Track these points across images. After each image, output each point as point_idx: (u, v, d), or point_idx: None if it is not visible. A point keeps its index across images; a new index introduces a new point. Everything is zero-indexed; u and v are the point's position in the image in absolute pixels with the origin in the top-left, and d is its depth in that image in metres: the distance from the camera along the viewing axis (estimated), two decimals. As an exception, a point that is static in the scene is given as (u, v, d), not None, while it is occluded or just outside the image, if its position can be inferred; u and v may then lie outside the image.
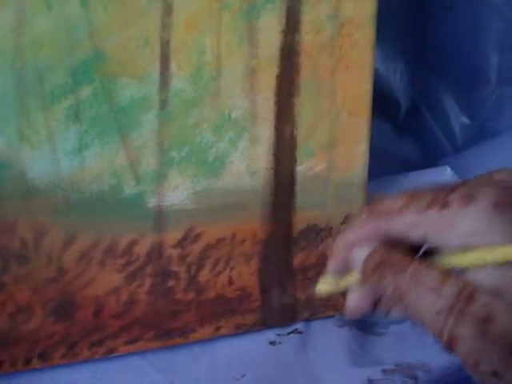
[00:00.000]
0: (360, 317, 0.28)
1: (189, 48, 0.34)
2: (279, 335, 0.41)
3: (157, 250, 0.37)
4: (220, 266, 0.38)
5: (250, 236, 0.38)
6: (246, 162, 0.37)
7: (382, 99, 0.55)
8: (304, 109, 0.37)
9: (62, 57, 0.32)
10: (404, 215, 0.25)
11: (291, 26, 0.35)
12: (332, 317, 0.42)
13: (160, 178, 0.35)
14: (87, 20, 0.32)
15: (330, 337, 0.40)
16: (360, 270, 0.26)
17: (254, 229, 0.38)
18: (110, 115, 0.33)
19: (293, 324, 0.41)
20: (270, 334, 0.41)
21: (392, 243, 0.25)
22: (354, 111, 0.38)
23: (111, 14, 0.32)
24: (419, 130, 0.58)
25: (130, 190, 0.35)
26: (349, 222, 0.27)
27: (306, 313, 0.41)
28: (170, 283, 0.38)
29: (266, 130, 0.37)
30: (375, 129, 0.41)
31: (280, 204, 0.38)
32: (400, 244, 0.25)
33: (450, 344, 0.23)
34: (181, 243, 0.37)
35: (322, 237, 0.40)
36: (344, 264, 0.27)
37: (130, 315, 0.38)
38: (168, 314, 0.38)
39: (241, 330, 0.40)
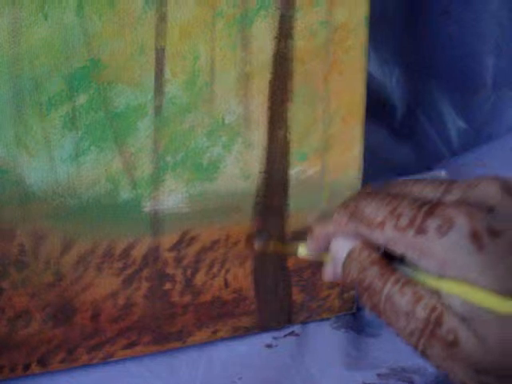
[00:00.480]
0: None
1: (183, 55, 0.34)
2: (276, 338, 0.41)
3: (153, 254, 0.37)
4: (215, 268, 0.39)
5: (243, 238, 0.39)
6: (240, 166, 0.37)
7: (378, 104, 0.56)
8: (297, 114, 0.37)
9: (58, 65, 0.32)
10: (382, 233, 0.25)
11: (284, 32, 0.36)
12: (328, 319, 0.42)
13: (156, 182, 0.36)
14: (83, 28, 0.32)
15: (326, 339, 0.41)
16: (340, 267, 0.27)
17: (247, 231, 0.39)
18: (106, 122, 0.34)
19: (289, 326, 0.41)
20: (267, 337, 0.41)
21: (371, 245, 0.26)
22: (347, 116, 0.39)
23: (106, 22, 0.33)
24: (415, 134, 0.58)
25: (126, 194, 0.35)
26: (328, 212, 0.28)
27: (302, 315, 0.42)
28: (167, 286, 0.38)
29: (259, 134, 0.37)
30: (371, 133, 0.42)
31: (273, 207, 0.39)
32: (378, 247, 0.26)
33: (425, 355, 0.24)
34: (176, 246, 0.37)
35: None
36: (322, 247, 0.28)
37: (128, 319, 0.38)
38: (165, 318, 0.39)
39: (238, 333, 0.40)
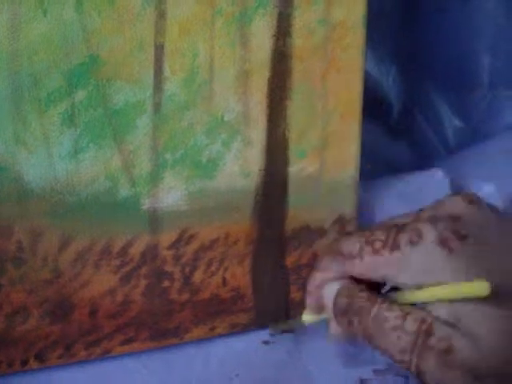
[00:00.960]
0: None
1: (182, 52, 0.34)
2: (272, 335, 0.41)
3: (151, 251, 0.37)
4: (214, 267, 0.39)
5: (243, 236, 0.39)
6: (239, 164, 0.37)
7: (374, 102, 0.56)
8: (296, 111, 0.38)
9: (57, 61, 0.32)
10: (361, 262, 0.26)
11: (282, 30, 0.36)
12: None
13: (154, 180, 0.36)
14: (82, 25, 0.32)
15: (322, 336, 0.41)
16: (331, 314, 0.28)
17: (246, 229, 0.39)
18: (105, 119, 0.34)
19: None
20: (264, 334, 0.41)
21: (357, 280, 0.27)
22: (344, 113, 0.39)
23: (106, 18, 0.33)
24: (411, 132, 0.58)
25: (124, 192, 0.35)
26: (316, 263, 0.30)
27: (299, 312, 0.42)
28: (165, 284, 0.38)
29: (258, 132, 0.37)
30: (367, 131, 0.42)
31: (273, 205, 0.39)
32: (364, 281, 0.27)
33: (419, 376, 0.24)
34: (175, 244, 0.37)
35: (314, 237, 0.40)
36: (319, 301, 0.30)
37: (126, 316, 0.38)
38: (163, 315, 0.39)
39: (235, 330, 0.41)
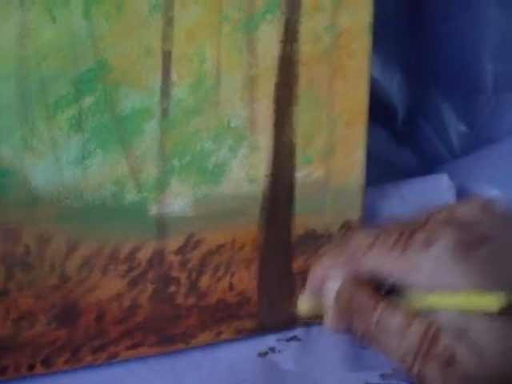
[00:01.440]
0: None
1: (189, 58, 0.35)
2: (279, 340, 0.41)
3: (158, 257, 0.37)
4: (220, 272, 0.39)
5: (249, 242, 0.39)
6: (246, 170, 0.37)
7: (379, 107, 0.56)
8: (302, 117, 0.38)
9: (66, 67, 0.32)
10: (370, 255, 0.26)
11: (289, 36, 0.36)
12: (331, 322, 0.43)
13: (161, 185, 0.36)
14: (90, 31, 0.32)
15: (328, 342, 0.41)
16: (331, 306, 0.28)
17: (253, 235, 0.39)
18: (112, 124, 0.34)
19: (292, 328, 0.42)
20: (270, 340, 0.41)
21: (361, 278, 0.27)
22: (350, 119, 0.39)
23: (113, 25, 0.33)
24: (417, 137, 0.58)
25: (131, 197, 0.36)
26: (323, 253, 0.29)
27: (305, 318, 0.42)
28: (172, 289, 0.38)
29: (264, 137, 0.37)
30: (373, 136, 0.42)
31: (279, 210, 0.39)
32: (370, 279, 0.26)
33: (420, 379, 0.24)
34: (182, 249, 0.38)
35: (321, 242, 0.40)
36: (319, 291, 0.29)
37: (132, 321, 0.38)
38: (169, 320, 0.39)
39: (241, 335, 0.41)
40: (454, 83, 0.59)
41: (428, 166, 0.55)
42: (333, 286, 0.28)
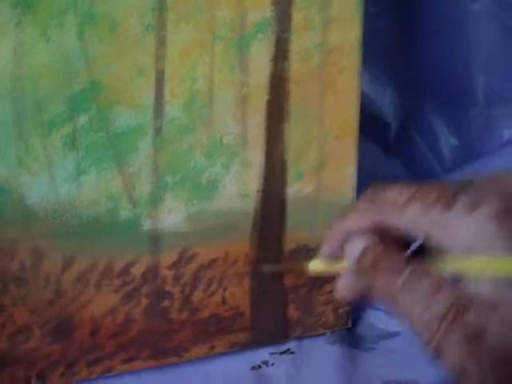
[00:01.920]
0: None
1: (182, 77, 0.35)
2: (272, 354, 0.42)
3: (152, 271, 0.38)
4: (213, 286, 0.39)
5: (242, 256, 0.39)
6: (238, 185, 0.38)
7: (371, 121, 0.57)
8: (293, 133, 0.38)
9: (60, 87, 0.33)
10: (406, 212, 0.24)
11: (280, 54, 0.37)
12: (323, 334, 0.43)
13: (155, 201, 0.37)
14: (84, 51, 0.33)
15: (321, 355, 0.41)
16: (353, 265, 0.25)
17: (245, 249, 0.39)
18: (107, 142, 0.35)
19: (285, 342, 0.42)
20: (263, 353, 0.42)
21: (389, 238, 0.25)
22: (341, 135, 0.40)
23: (107, 45, 0.33)
24: (409, 151, 0.59)
25: (125, 213, 0.36)
26: (350, 206, 0.26)
27: (297, 331, 0.42)
28: (165, 303, 0.39)
29: (256, 154, 0.38)
30: (365, 150, 0.43)
31: (271, 225, 0.39)
32: (398, 239, 0.25)
33: (438, 352, 0.22)
34: (175, 264, 0.38)
35: (312, 256, 0.41)
36: (337, 251, 0.27)
37: (126, 335, 0.38)
38: (163, 334, 0.39)
39: (234, 349, 0.41)
40: (445, 97, 0.59)
41: (419, 179, 0.55)
42: (356, 245, 0.26)
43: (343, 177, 0.40)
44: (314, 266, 0.30)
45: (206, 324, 0.40)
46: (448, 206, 0.23)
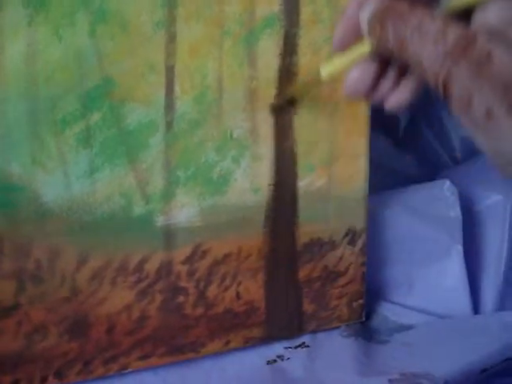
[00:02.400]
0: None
1: (192, 73, 0.35)
2: (287, 348, 0.42)
3: (166, 267, 0.38)
4: (227, 281, 0.40)
5: (255, 251, 0.39)
6: (249, 179, 0.38)
7: (381, 116, 0.57)
8: (303, 127, 0.38)
9: (73, 84, 0.33)
10: None
11: (289, 49, 0.37)
12: (338, 328, 0.43)
13: (167, 197, 0.37)
14: (95, 49, 0.33)
15: (336, 348, 0.41)
16: (365, 23, 0.26)
17: (259, 244, 0.39)
18: (119, 139, 0.35)
19: (300, 336, 0.42)
20: (278, 347, 0.42)
21: None
22: (352, 128, 0.40)
23: (118, 42, 0.34)
24: (419, 144, 0.59)
25: (139, 209, 0.36)
26: None
27: (312, 325, 0.42)
28: (180, 299, 0.39)
29: (266, 147, 0.38)
30: (375, 144, 0.43)
31: (283, 219, 0.40)
32: None
33: (445, 86, 0.23)
34: (189, 259, 0.38)
35: (326, 250, 0.41)
36: (349, 31, 0.27)
37: (142, 332, 0.39)
38: (178, 330, 0.39)
39: (249, 344, 0.41)
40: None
41: (431, 172, 0.55)
42: (367, 6, 0.26)
43: (354, 170, 0.41)
44: (326, 68, 0.29)
45: (221, 319, 0.40)
46: None
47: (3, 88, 0.32)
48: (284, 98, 0.37)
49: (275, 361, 0.41)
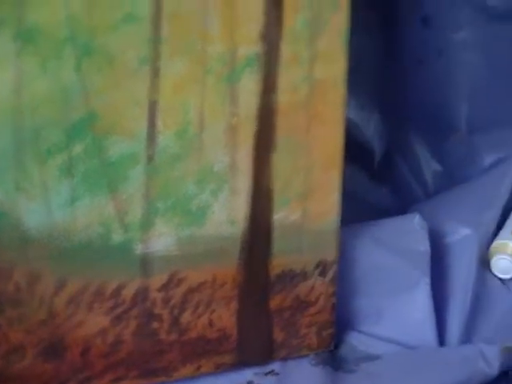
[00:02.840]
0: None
1: (175, 108, 0.37)
2: (257, 374, 0.43)
3: (142, 294, 0.39)
4: (201, 309, 0.41)
5: (229, 280, 0.41)
6: (227, 212, 0.39)
7: (356, 148, 0.59)
8: (280, 162, 0.40)
9: (58, 117, 0.34)
10: None
11: (268, 87, 0.39)
12: (307, 356, 0.44)
13: (146, 226, 0.38)
14: (81, 83, 0.35)
15: (304, 376, 0.43)
16: None
17: (233, 273, 0.41)
18: (101, 170, 0.36)
19: (270, 363, 0.43)
20: (249, 373, 0.43)
21: None
22: (327, 164, 0.41)
23: (104, 77, 0.35)
24: (393, 177, 0.61)
25: (117, 238, 0.37)
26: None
27: (282, 352, 0.44)
28: (154, 325, 0.40)
29: (244, 182, 0.39)
30: (350, 177, 0.44)
31: (258, 250, 0.41)
32: None
33: None
34: (165, 287, 0.39)
35: (297, 280, 0.42)
36: None
37: (116, 355, 0.40)
38: (152, 354, 0.40)
39: (220, 370, 0.42)
40: (428, 124, 0.61)
41: (403, 204, 0.57)
42: None
43: (328, 204, 0.42)
44: None
45: (194, 345, 0.41)
46: None
47: (-10, 119, 0.33)
48: None
49: (245, 386, 0.42)
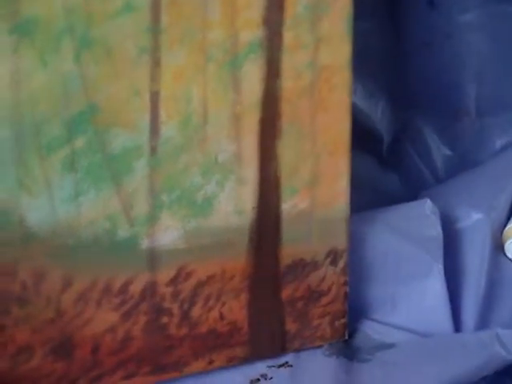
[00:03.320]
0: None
1: (177, 98, 0.36)
2: (270, 367, 0.42)
3: (150, 289, 0.38)
4: (211, 302, 0.40)
5: (238, 272, 0.40)
6: (233, 202, 0.39)
7: (364, 135, 0.58)
8: (286, 150, 0.39)
9: (58, 110, 0.34)
10: None
11: (272, 73, 0.38)
12: (320, 347, 0.44)
13: (152, 220, 0.37)
14: (81, 75, 0.34)
15: (318, 367, 0.42)
16: None
17: (242, 265, 0.40)
18: (104, 163, 0.35)
19: (283, 355, 0.43)
20: (261, 367, 0.42)
21: None
22: (333, 150, 0.40)
23: (103, 68, 0.34)
24: (402, 163, 0.60)
25: (123, 232, 0.37)
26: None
27: (295, 344, 0.43)
28: (164, 320, 0.39)
29: (251, 171, 0.39)
30: (359, 164, 0.44)
31: (267, 240, 0.40)
32: None
33: None
34: (173, 281, 0.39)
35: (308, 270, 0.42)
36: None
37: (126, 352, 0.39)
38: (162, 350, 0.40)
39: (232, 363, 0.42)
40: (437, 108, 0.60)
41: (413, 190, 0.56)
42: None
43: (337, 191, 0.41)
44: None
45: (205, 339, 0.41)
46: None
47: (-11, 115, 0.33)
48: None
49: (258, 380, 0.41)
